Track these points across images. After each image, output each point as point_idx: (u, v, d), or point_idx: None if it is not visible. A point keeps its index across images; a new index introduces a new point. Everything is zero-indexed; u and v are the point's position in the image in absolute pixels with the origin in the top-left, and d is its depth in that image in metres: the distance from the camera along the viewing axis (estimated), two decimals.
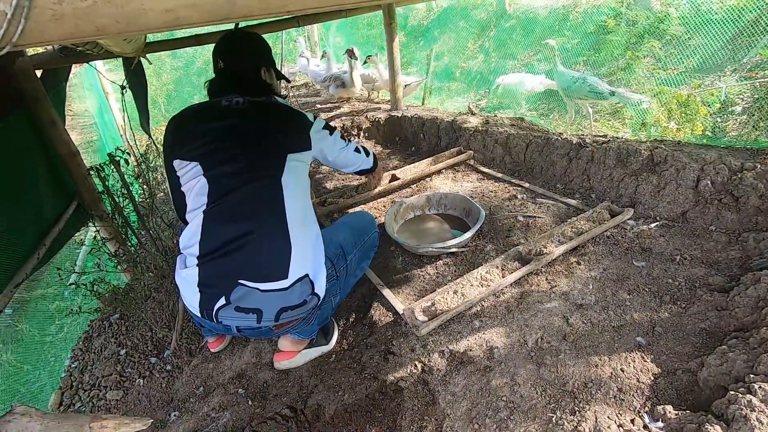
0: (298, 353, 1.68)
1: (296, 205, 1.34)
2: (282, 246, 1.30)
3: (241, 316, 1.28)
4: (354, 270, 1.63)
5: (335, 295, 1.53)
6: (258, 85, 1.48)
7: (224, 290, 1.26)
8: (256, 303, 1.28)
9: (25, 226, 2.21)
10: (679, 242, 1.75)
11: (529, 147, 2.51)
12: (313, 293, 1.35)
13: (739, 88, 4.16)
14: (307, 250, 1.35)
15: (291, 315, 1.32)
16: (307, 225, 1.38)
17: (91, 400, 2.11)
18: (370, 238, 1.69)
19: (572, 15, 6.12)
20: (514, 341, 1.46)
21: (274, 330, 1.38)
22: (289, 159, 1.36)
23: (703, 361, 1.21)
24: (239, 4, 0.38)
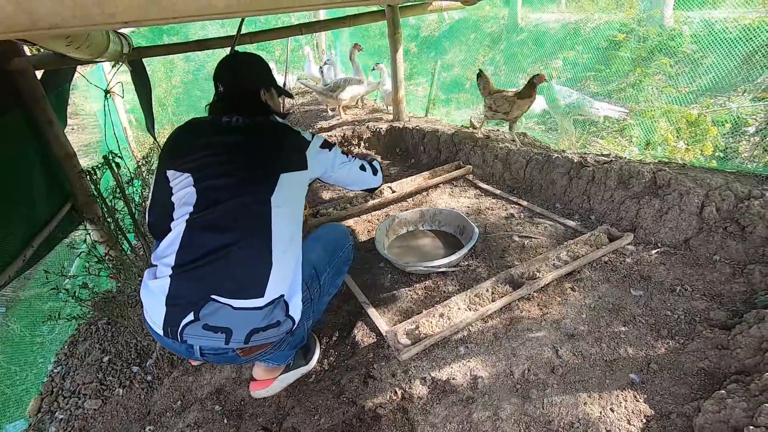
0: (275, 380, 1.60)
1: (283, 226, 1.30)
2: (263, 263, 1.24)
3: (207, 335, 1.20)
4: (328, 289, 1.55)
5: (308, 318, 1.45)
6: (258, 106, 1.48)
7: (194, 305, 1.18)
8: (226, 321, 1.20)
9: (13, 227, 2.19)
10: (681, 271, 1.66)
11: (529, 164, 2.44)
12: (288, 315, 1.28)
13: (753, 109, 4.06)
14: (288, 272, 1.29)
15: (262, 337, 1.25)
16: (292, 247, 1.33)
17: (69, 408, 2.06)
18: (344, 253, 1.60)
19: (583, 29, 6.07)
20: (500, 371, 1.38)
21: (241, 356, 1.28)
22: (282, 178, 1.33)
23: (699, 405, 1.13)
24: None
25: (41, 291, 3.52)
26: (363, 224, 2.39)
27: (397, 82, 3.48)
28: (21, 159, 2.37)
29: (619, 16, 5.96)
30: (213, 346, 1.21)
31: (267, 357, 1.43)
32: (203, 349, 1.23)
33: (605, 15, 6.23)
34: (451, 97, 6.73)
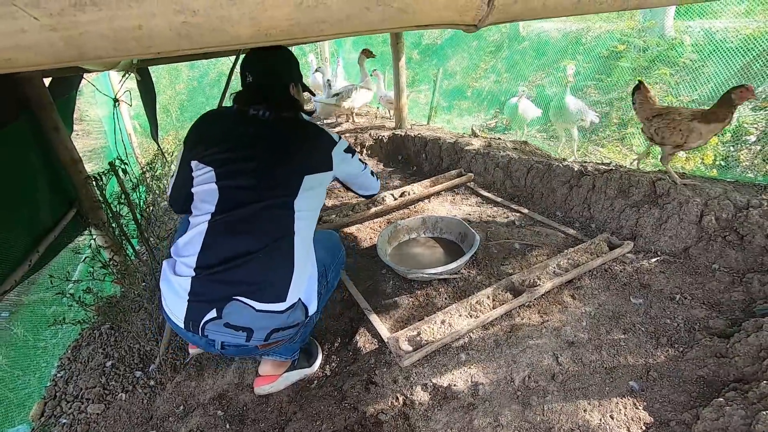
0: (280, 377, 1.64)
1: (305, 230, 1.31)
2: (285, 268, 1.26)
3: (229, 332, 1.22)
4: (330, 287, 1.61)
5: (318, 313, 1.51)
6: (286, 100, 1.43)
7: (217, 304, 1.20)
8: (248, 321, 1.22)
9: (19, 232, 2.21)
10: (680, 280, 1.67)
11: (530, 172, 2.46)
12: (307, 316, 1.33)
13: (753, 118, 4.07)
14: (306, 274, 1.32)
15: (281, 336, 1.30)
16: (311, 249, 1.35)
17: (72, 413, 2.08)
18: (340, 256, 1.66)
19: (584, 39, 6.11)
20: (501, 378, 1.39)
21: (260, 348, 1.33)
22: (306, 180, 1.31)
23: (698, 413, 1.14)
24: None
25: (45, 296, 3.54)
26: (365, 231, 2.40)
27: (399, 89, 3.52)
28: (28, 164, 2.40)
29: (619, 25, 6.01)
30: (235, 342, 1.24)
31: (279, 351, 1.48)
32: (225, 344, 1.26)
33: (606, 24, 6.27)
34: (453, 105, 6.77)
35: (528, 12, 0.53)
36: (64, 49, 0.38)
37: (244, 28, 0.42)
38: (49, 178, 2.54)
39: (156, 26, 0.39)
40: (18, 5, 0.35)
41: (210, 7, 0.39)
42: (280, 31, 0.44)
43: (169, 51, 0.42)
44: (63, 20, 0.37)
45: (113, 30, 0.38)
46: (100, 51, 0.39)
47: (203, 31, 0.41)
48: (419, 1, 0.46)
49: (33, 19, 0.36)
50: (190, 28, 0.40)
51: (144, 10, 0.38)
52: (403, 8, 0.46)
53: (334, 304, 1.98)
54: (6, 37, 0.37)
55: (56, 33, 0.37)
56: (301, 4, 0.42)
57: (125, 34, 0.39)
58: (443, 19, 0.50)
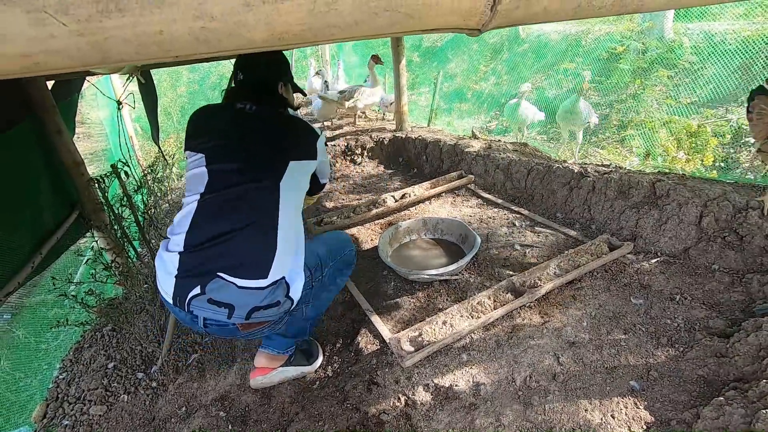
0: (274, 370, 1.66)
1: (290, 209, 1.36)
2: (268, 246, 1.31)
3: (212, 308, 1.26)
4: (328, 284, 1.61)
5: (307, 304, 1.50)
6: (273, 97, 1.53)
7: (201, 280, 1.26)
8: (230, 298, 1.26)
9: (22, 234, 2.22)
10: (680, 280, 1.69)
11: (530, 174, 2.48)
12: (288, 296, 1.34)
13: None
14: (290, 255, 1.36)
15: (262, 315, 1.30)
16: (296, 229, 1.40)
17: (74, 414, 2.08)
18: (346, 254, 1.67)
19: (584, 41, 6.14)
20: (502, 378, 1.40)
21: (241, 330, 1.34)
22: (291, 165, 1.39)
23: (698, 412, 1.15)
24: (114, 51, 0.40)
25: (46, 298, 3.55)
26: (366, 233, 2.42)
27: (399, 92, 3.53)
28: (31, 167, 2.41)
29: (619, 27, 6.04)
30: (216, 318, 1.28)
31: (267, 335, 1.52)
32: (207, 320, 1.29)
33: (606, 26, 6.30)
34: (453, 107, 6.79)
35: (529, 17, 0.55)
36: (89, 54, 0.40)
37: (259, 32, 0.43)
38: (52, 180, 2.55)
39: (176, 31, 0.40)
40: (49, 12, 0.36)
41: (227, 13, 0.41)
42: (292, 36, 0.45)
43: (187, 55, 0.43)
44: (90, 26, 0.38)
45: (136, 35, 0.40)
46: (123, 55, 0.41)
47: (220, 36, 0.42)
48: (425, 7, 0.48)
49: (62, 25, 0.37)
50: (208, 33, 0.41)
51: (165, 16, 0.39)
52: (409, 14, 0.47)
53: (336, 305, 1.99)
54: (36, 43, 0.38)
55: (83, 38, 0.39)
56: (313, 9, 0.44)
57: (147, 38, 0.40)
58: (448, 23, 0.52)
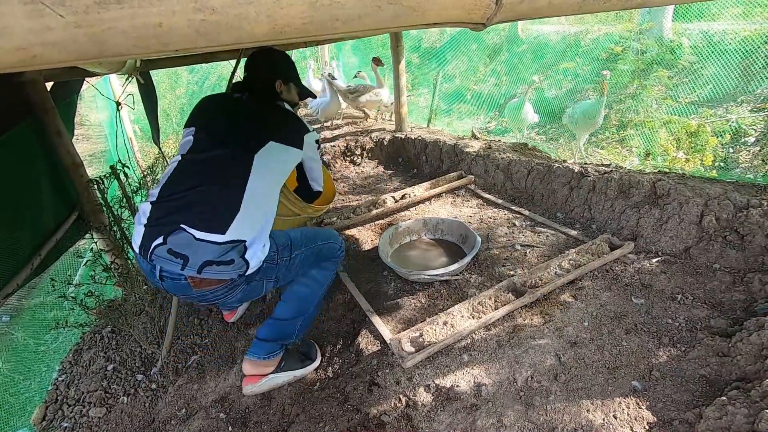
0: (264, 377, 1.64)
1: (261, 182, 1.42)
2: (231, 206, 1.36)
3: (169, 258, 1.30)
4: (300, 271, 1.59)
5: (269, 280, 1.48)
6: (268, 90, 1.66)
7: (165, 230, 1.32)
8: (187, 249, 1.31)
9: (21, 236, 2.22)
10: (681, 280, 1.68)
11: (530, 174, 2.47)
12: (243, 258, 1.34)
13: (752, 120, 4.10)
14: (255, 222, 1.40)
15: (213, 271, 1.31)
16: (264, 202, 1.45)
17: (74, 417, 2.07)
18: (325, 245, 1.66)
19: (583, 41, 6.15)
20: (503, 379, 1.40)
21: (193, 287, 1.34)
22: (271, 144, 1.47)
23: (701, 412, 1.14)
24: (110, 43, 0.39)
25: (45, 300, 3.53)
26: (366, 233, 2.41)
27: (399, 92, 3.53)
28: (30, 168, 2.41)
29: (618, 27, 6.05)
30: (170, 269, 1.32)
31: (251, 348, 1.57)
32: (162, 271, 1.34)
33: (604, 26, 6.31)
34: (452, 108, 6.80)
35: (534, 11, 0.54)
36: (87, 46, 0.39)
37: (260, 25, 0.43)
38: (52, 181, 2.55)
39: (175, 24, 0.40)
40: (45, 3, 0.36)
41: (228, 5, 0.40)
42: (294, 29, 0.45)
43: (186, 48, 0.43)
44: (88, 18, 0.38)
45: (134, 27, 0.39)
46: (121, 48, 0.40)
47: (221, 29, 0.42)
48: (428, 0, 0.48)
49: (59, 16, 0.37)
50: (208, 25, 0.41)
51: (164, 8, 0.39)
52: (413, 6, 0.47)
53: (336, 306, 1.99)
54: (33, 34, 0.38)
55: (80, 30, 0.38)
56: (316, 2, 0.43)
57: (146, 31, 0.40)
58: (451, 17, 0.52)
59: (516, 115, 4.11)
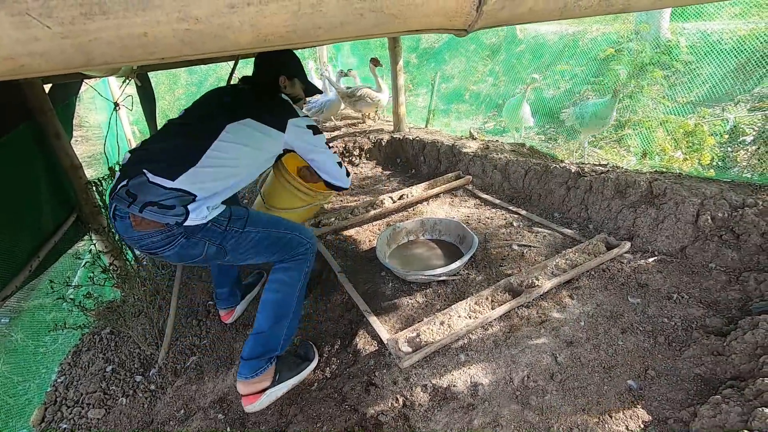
0: (262, 394, 1.60)
1: (227, 148, 1.49)
2: (189, 159, 1.43)
3: (123, 197, 1.38)
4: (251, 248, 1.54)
5: (212, 244, 1.47)
6: (269, 83, 1.76)
7: (130, 173, 1.41)
8: (139, 189, 1.38)
9: (20, 237, 2.22)
10: (677, 279, 1.69)
11: (527, 174, 2.48)
12: (184, 207, 1.38)
13: (750, 119, 4.10)
14: (210, 183, 1.45)
15: (153, 213, 1.35)
16: (228, 171, 1.50)
17: (73, 418, 2.08)
18: (290, 237, 1.61)
19: (581, 42, 6.15)
20: (500, 378, 1.40)
21: (134, 226, 1.39)
22: (248, 121, 1.55)
23: (696, 410, 1.15)
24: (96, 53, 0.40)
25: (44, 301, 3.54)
26: (364, 234, 2.42)
27: (397, 93, 3.54)
28: (29, 170, 2.41)
29: (615, 27, 6.05)
30: (120, 206, 1.39)
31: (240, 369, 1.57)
32: (116, 210, 1.41)
33: (602, 26, 6.31)
34: (451, 108, 6.80)
35: (516, 17, 0.55)
36: (73, 56, 0.40)
37: (244, 34, 0.44)
38: (50, 183, 2.55)
39: (160, 33, 0.40)
40: (32, 15, 0.36)
41: (212, 15, 0.41)
42: (278, 37, 0.45)
43: (172, 57, 0.44)
44: (74, 28, 0.38)
45: (120, 37, 0.40)
46: (107, 57, 0.41)
47: (205, 38, 0.43)
48: (410, 8, 0.48)
49: (46, 27, 0.37)
50: (193, 35, 0.41)
51: (149, 18, 0.40)
52: (395, 14, 0.48)
53: (334, 307, 1.99)
54: (20, 45, 0.38)
55: (67, 40, 0.39)
56: (299, 11, 0.44)
57: (131, 41, 0.40)
58: (434, 24, 0.52)
59: (514, 114, 4.11)
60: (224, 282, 2.13)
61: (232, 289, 2.16)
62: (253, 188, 3.60)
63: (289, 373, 1.66)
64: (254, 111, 1.59)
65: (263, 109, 1.62)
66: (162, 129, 1.58)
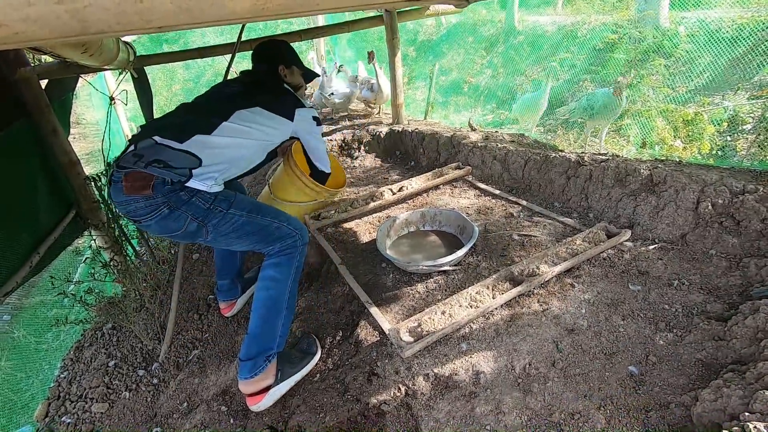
0: (266, 393, 1.59)
1: (237, 131, 1.55)
2: (198, 129, 1.49)
3: (130, 157, 1.41)
4: (233, 232, 1.54)
5: (194, 220, 1.46)
6: (269, 73, 1.84)
7: (139, 139, 1.48)
8: (147, 150, 1.43)
9: (19, 234, 2.22)
10: (678, 266, 1.69)
11: (527, 164, 2.47)
12: (190, 171, 1.42)
13: (750, 107, 4.09)
14: (217, 149, 1.50)
15: (157, 169, 1.38)
16: (234, 149, 1.56)
17: (76, 412, 2.09)
18: (276, 227, 1.60)
19: (580, 31, 6.11)
20: (501, 366, 1.40)
21: (124, 191, 1.39)
22: (257, 109, 1.63)
23: (697, 395, 1.15)
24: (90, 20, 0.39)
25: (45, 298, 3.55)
26: (364, 226, 2.41)
27: (395, 85, 3.52)
28: (26, 167, 2.40)
29: (614, 16, 6.01)
30: (124, 165, 1.42)
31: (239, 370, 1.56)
32: (112, 176, 1.45)
33: (601, 16, 6.28)
34: (449, 100, 6.77)
35: None
36: (69, 23, 0.39)
37: (241, 2, 0.43)
38: (49, 179, 2.55)
39: (158, 0, 0.40)
40: None
41: None
42: (277, 5, 0.45)
43: (169, 25, 0.43)
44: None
45: (116, 3, 0.39)
46: (102, 24, 0.40)
47: (203, 5, 0.42)
48: None
49: None
50: (191, 2, 0.41)
51: None
52: None
53: (335, 298, 1.99)
54: (14, 10, 0.38)
55: (62, 6, 0.38)
56: None
57: (128, 7, 0.40)
58: None
59: (532, 110, 4.04)
60: (226, 273, 2.13)
61: (233, 281, 2.16)
62: (256, 182, 3.59)
63: (292, 369, 1.64)
64: (262, 99, 1.67)
65: (271, 99, 1.71)
66: (174, 110, 1.65)
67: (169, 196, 1.40)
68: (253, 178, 3.63)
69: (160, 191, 1.39)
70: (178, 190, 1.41)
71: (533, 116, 4.15)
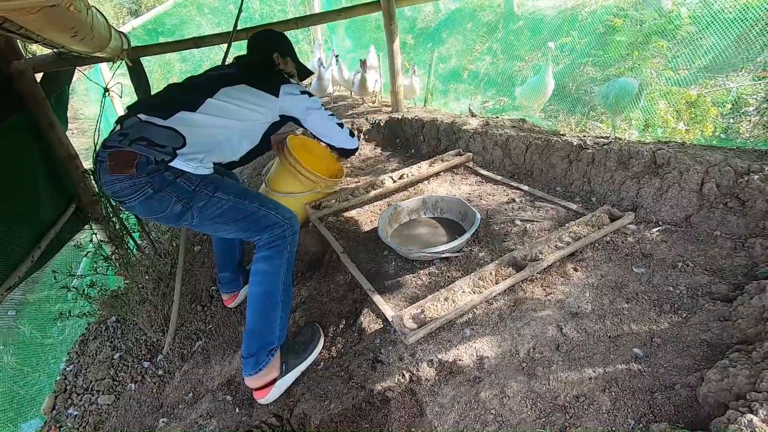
0: (272, 386, 1.59)
1: (221, 108, 1.56)
2: (182, 104, 1.51)
3: (116, 137, 1.42)
4: (219, 217, 1.51)
5: (178, 201, 1.44)
6: (263, 59, 1.86)
7: (125, 118, 1.49)
8: (131, 128, 1.44)
9: (20, 229, 2.21)
10: (682, 248, 1.67)
11: (528, 149, 2.45)
12: (174, 151, 1.42)
13: (753, 89, 4.03)
14: (200, 128, 1.51)
15: (142, 147, 1.38)
16: (218, 128, 1.56)
17: (83, 405, 2.10)
18: (263, 215, 1.56)
19: (581, 15, 6.02)
20: (505, 351, 1.40)
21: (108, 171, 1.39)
22: (242, 87, 1.64)
23: (703, 375, 1.15)
24: None
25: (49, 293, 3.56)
26: (366, 214, 2.40)
27: (394, 73, 3.48)
28: (25, 161, 2.39)
29: None
30: (110, 143, 1.42)
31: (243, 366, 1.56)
32: (106, 145, 1.43)
33: None
34: (449, 88, 6.70)
35: None
36: None
37: None
38: (48, 174, 2.53)
39: None
40: None
41: None
42: None
43: None
44: None
45: None
46: None
47: None
48: None
49: None
50: None
51: None
52: None
53: (338, 287, 1.99)
54: None
55: None
56: None
57: None
58: None
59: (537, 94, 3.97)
60: (226, 266, 2.13)
61: (235, 273, 2.15)
62: (256, 173, 3.58)
63: (297, 360, 1.64)
64: (248, 78, 1.68)
65: (257, 78, 1.71)
66: (162, 89, 1.67)
67: (153, 176, 1.39)
68: (252, 169, 3.61)
69: (143, 170, 1.37)
70: (162, 170, 1.40)
71: (540, 99, 4.09)
